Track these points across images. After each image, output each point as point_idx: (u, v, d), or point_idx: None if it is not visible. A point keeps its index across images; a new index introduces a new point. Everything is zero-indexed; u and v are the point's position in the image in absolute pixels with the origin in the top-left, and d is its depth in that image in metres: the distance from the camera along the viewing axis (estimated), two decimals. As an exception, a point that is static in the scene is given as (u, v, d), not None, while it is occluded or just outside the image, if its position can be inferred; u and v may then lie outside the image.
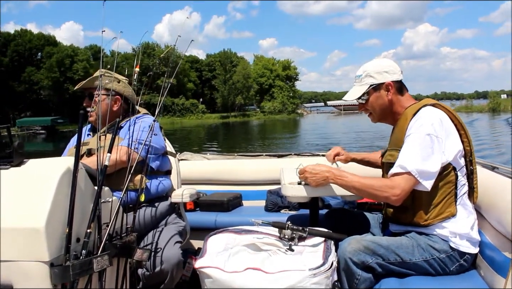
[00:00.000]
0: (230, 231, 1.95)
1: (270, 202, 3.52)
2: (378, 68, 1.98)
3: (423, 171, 1.76)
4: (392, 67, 1.99)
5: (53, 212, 1.42)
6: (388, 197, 1.79)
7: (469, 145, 1.88)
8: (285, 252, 1.75)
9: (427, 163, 1.76)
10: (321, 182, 1.93)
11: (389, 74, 1.97)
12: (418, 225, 1.86)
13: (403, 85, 2.02)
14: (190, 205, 3.57)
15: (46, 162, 1.65)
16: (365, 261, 1.80)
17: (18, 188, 1.52)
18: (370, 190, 1.82)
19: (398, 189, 1.76)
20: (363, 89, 2.00)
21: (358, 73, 2.05)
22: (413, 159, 1.76)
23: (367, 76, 1.99)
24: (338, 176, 1.89)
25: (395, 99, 1.98)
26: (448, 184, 1.84)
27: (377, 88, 1.98)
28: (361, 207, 3.19)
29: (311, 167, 1.96)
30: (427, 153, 1.76)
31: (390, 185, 1.78)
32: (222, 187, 3.94)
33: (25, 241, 1.40)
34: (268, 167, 3.86)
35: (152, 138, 2.18)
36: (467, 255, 1.84)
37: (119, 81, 2.39)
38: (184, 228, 2.43)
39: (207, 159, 4.20)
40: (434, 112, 1.85)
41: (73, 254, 1.45)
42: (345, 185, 1.88)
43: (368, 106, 2.03)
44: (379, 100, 1.99)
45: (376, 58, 2.10)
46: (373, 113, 2.05)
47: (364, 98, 2.01)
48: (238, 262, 1.65)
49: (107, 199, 1.70)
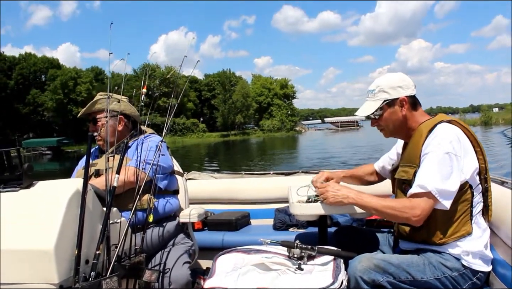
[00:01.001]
0: (239, 250, 1.94)
1: (278, 220, 3.50)
2: (392, 83, 1.94)
3: (443, 190, 1.73)
4: (406, 81, 1.94)
5: (63, 234, 1.43)
6: (409, 218, 1.76)
7: (484, 162, 1.85)
8: (294, 271, 1.73)
9: (447, 182, 1.73)
10: (340, 199, 1.90)
11: (403, 89, 1.93)
12: (432, 243, 1.83)
13: (417, 100, 1.97)
14: (198, 224, 3.56)
15: (55, 183, 1.66)
16: (376, 280, 1.77)
17: (28, 210, 1.53)
18: (391, 211, 1.79)
19: (418, 209, 1.73)
20: (376, 104, 1.95)
21: (370, 88, 2.00)
22: (433, 178, 1.73)
23: (381, 92, 1.95)
24: (359, 197, 1.87)
25: (409, 115, 1.94)
26: (464, 202, 1.81)
27: (391, 104, 1.94)
28: (369, 224, 3.16)
29: (334, 186, 1.96)
30: (447, 172, 1.73)
31: (410, 205, 1.75)
32: (230, 206, 3.92)
33: (34, 263, 1.40)
34: (276, 185, 3.84)
35: (160, 158, 2.19)
36: (480, 273, 1.81)
37: (119, 101, 2.40)
38: (193, 248, 2.42)
39: (214, 178, 4.19)
40: (451, 129, 1.81)
41: (82, 275, 1.46)
42: (365, 206, 1.86)
43: (381, 122, 1.99)
44: (393, 116, 1.95)
45: (388, 73, 2.03)
46: (386, 128, 2.00)
47: (378, 114, 1.97)
48: (248, 282, 1.64)
49: (115, 220, 1.70)
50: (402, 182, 1.89)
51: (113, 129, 2.36)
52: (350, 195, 1.88)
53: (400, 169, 1.95)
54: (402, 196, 1.92)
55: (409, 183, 1.84)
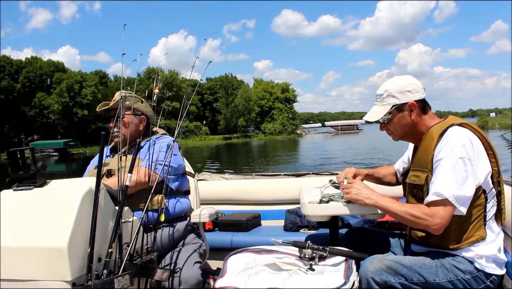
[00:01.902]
0: (250, 250, 1.94)
1: (289, 221, 3.50)
2: (400, 87, 1.90)
3: (460, 196, 1.70)
4: (415, 85, 1.90)
5: (76, 232, 1.44)
6: (428, 226, 1.74)
7: (496, 165, 1.83)
8: (305, 271, 1.73)
9: (463, 188, 1.71)
10: (362, 198, 1.89)
11: (412, 93, 1.89)
12: (445, 248, 1.81)
13: (426, 103, 1.94)
14: (209, 225, 3.57)
15: (69, 182, 1.68)
16: (388, 281, 1.76)
17: (42, 208, 1.55)
18: (411, 218, 1.77)
19: (437, 218, 1.71)
20: (385, 109, 1.92)
21: (379, 92, 1.97)
22: (449, 185, 1.70)
23: (389, 96, 1.91)
24: (380, 199, 1.85)
25: (418, 119, 1.90)
26: (478, 207, 1.78)
27: (400, 109, 1.90)
28: (381, 225, 3.14)
29: (360, 182, 1.98)
30: (462, 177, 1.71)
31: (429, 213, 1.73)
32: (241, 207, 3.93)
33: (48, 261, 1.42)
34: (287, 186, 3.84)
35: (172, 159, 2.21)
36: (494, 276, 1.79)
37: (142, 101, 2.45)
38: (204, 248, 2.42)
39: (225, 179, 4.20)
40: (463, 133, 1.79)
41: (95, 273, 1.47)
42: (385, 209, 1.85)
43: (390, 127, 1.96)
44: (402, 120, 1.92)
45: (396, 76, 2.00)
46: (395, 133, 1.98)
47: (387, 119, 1.94)
48: (259, 282, 1.64)
49: (127, 219, 1.71)
50: (413, 187, 1.87)
51: (135, 128, 2.43)
52: (372, 197, 1.87)
53: (411, 173, 1.92)
54: (413, 200, 1.90)
55: (421, 188, 1.83)
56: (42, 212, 1.53)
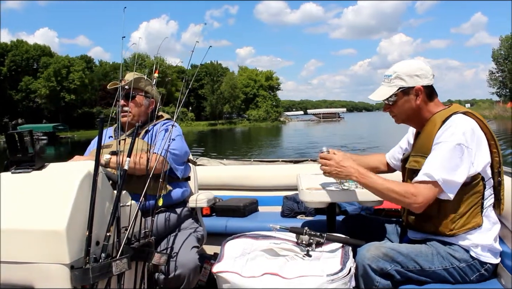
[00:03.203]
0: (248, 236, 1.94)
1: (286, 207, 3.51)
2: (410, 70, 1.88)
3: (450, 181, 1.71)
4: (424, 70, 1.88)
5: (74, 215, 1.44)
6: (410, 204, 1.75)
7: (498, 155, 1.82)
8: (302, 257, 1.74)
9: (454, 173, 1.71)
10: (342, 176, 1.90)
11: (420, 78, 1.87)
12: (442, 234, 1.82)
13: (433, 90, 1.92)
14: (206, 210, 3.59)
15: (67, 165, 1.68)
16: (384, 268, 1.78)
17: (40, 191, 1.55)
18: (393, 194, 1.78)
19: (421, 196, 1.73)
20: (391, 90, 1.90)
21: (387, 73, 1.95)
22: (440, 168, 1.71)
23: (397, 78, 1.89)
24: (362, 175, 1.85)
25: (423, 104, 1.89)
26: (476, 194, 1.79)
27: (406, 92, 1.89)
28: (378, 213, 3.16)
29: (339, 159, 1.91)
30: (455, 163, 1.71)
31: (414, 192, 1.74)
32: (238, 193, 3.94)
33: (46, 243, 1.42)
34: (284, 172, 3.85)
35: (181, 146, 2.29)
36: (488, 265, 1.80)
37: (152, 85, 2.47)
38: (201, 233, 2.44)
39: (223, 164, 4.21)
40: (466, 121, 1.78)
41: (93, 256, 1.47)
42: (368, 185, 1.84)
43: (394, 109, 1.95)
44: (407, 104, 1.90)
45: (408, 59, 1.98)
46: (398, 116, 1.96)
47: (392, 100, 1.93)
48: (256, 267, 1.64)
49: (126, 203, 1.71)
50: (413, 172, 1.87)
51: (145, 110, 2.44)
52: (353, 172, 1.86)
53: (412, 158, 1.92)
54: None
55: None
56: (41, 195, 1.53)
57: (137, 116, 2.39)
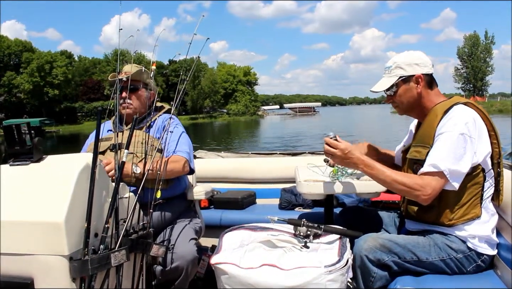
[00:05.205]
0: (246, 228, 1.95)
1: (284, 200, 3.52)
2: (409, 60, 1.91)
3: (455, 171, 1.72)
4: (423, 60, 1.91)
5: (73, 207, 1.44)
6: (419, 195, 1.75)
7: (498, 147, 1.83)
8: (300, 249, 1.75)
9: (459, 163, 1.72)
10: (349, 166, 1.92)
11: (420, 66, 1.90)
12: (441, 224, 1.83)
13: (433, 80, 1.94)
14: (205, 202, 3.59)
15: (65, 158, 1.67)
16: (381, 259, 1.79)
17: (38, 183, 1.55)
18: (400, 186, 1.78)
19: (429, 188, 1.73)
20: (392, 80, 1.92)
21: (387, 64, 1.97)
22: (446, 158, 1.72)
23: (397, 68, 1.92)
24: (369, 166, 1.84)
25: (424, 93, 1.91)
26: (476, 185, 1.80)
27: (406, 81, 1.91)
28: (375, 205, 3.17)
29: (345, 148, 1.87)
30: (460, 153, 1.72)
31: (422, 183, 1.74)
32: (236, 185, 3.94)
33: (45, 235, 1.42)
34: (282, 165, 3.85)
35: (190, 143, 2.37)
36: (485, 256, 1.82)
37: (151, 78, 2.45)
38: (199, 225, 2.44)
39: (221, 157, 4.21)
40: (467, 111, 1.80)
41: (92, 248, 1.48)
42: (374, 176, 1.84)
43: (396, 99, 1.96)
44: (408, 93, 1.92)
45: (407, 51, 2.00)
46: (400, 105, 1.97)
47: (393, 90, 1.94)
48: (254, 259, 1.65)
49: (124, 195, 1.72)
50: (414, 162, 1.88)
51: (146, 101, 2.43)
52: (359, 163, 1.86)
53: (413, 148, 1.92)
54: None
55: (421, 163, 1.82)
56: (39, 187, 1.53)
57: (138, 109, 2.39)
